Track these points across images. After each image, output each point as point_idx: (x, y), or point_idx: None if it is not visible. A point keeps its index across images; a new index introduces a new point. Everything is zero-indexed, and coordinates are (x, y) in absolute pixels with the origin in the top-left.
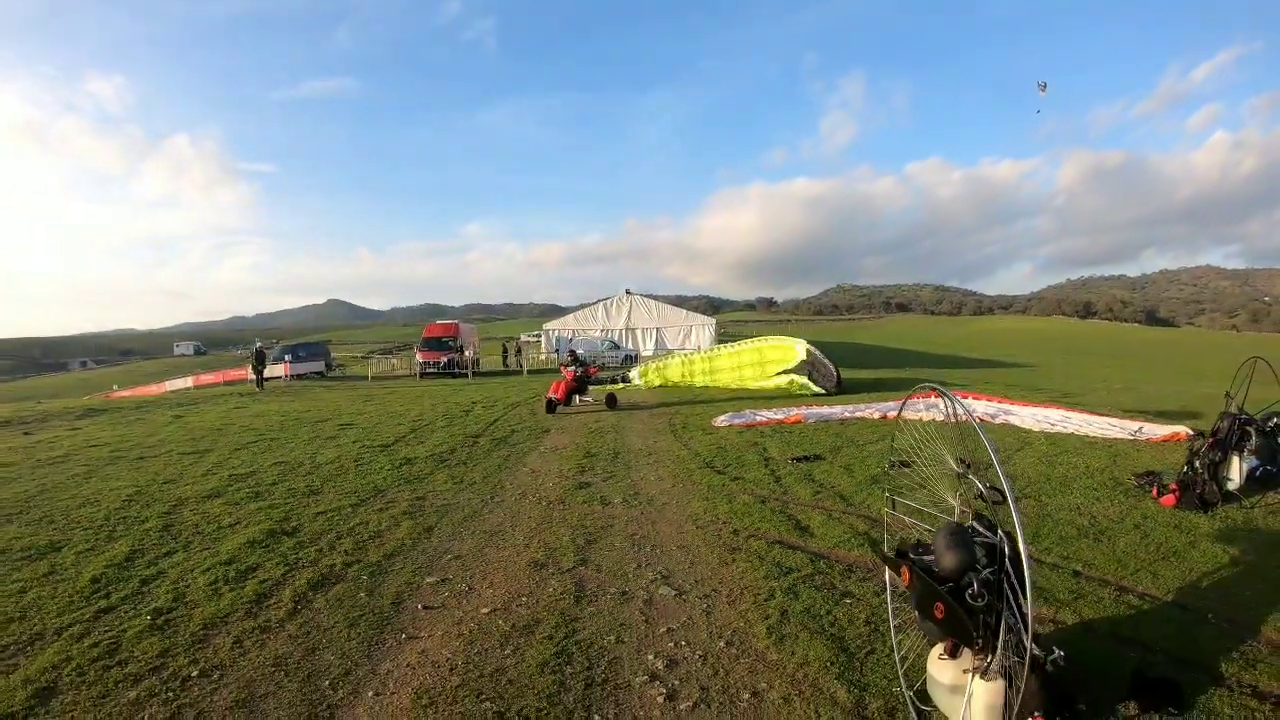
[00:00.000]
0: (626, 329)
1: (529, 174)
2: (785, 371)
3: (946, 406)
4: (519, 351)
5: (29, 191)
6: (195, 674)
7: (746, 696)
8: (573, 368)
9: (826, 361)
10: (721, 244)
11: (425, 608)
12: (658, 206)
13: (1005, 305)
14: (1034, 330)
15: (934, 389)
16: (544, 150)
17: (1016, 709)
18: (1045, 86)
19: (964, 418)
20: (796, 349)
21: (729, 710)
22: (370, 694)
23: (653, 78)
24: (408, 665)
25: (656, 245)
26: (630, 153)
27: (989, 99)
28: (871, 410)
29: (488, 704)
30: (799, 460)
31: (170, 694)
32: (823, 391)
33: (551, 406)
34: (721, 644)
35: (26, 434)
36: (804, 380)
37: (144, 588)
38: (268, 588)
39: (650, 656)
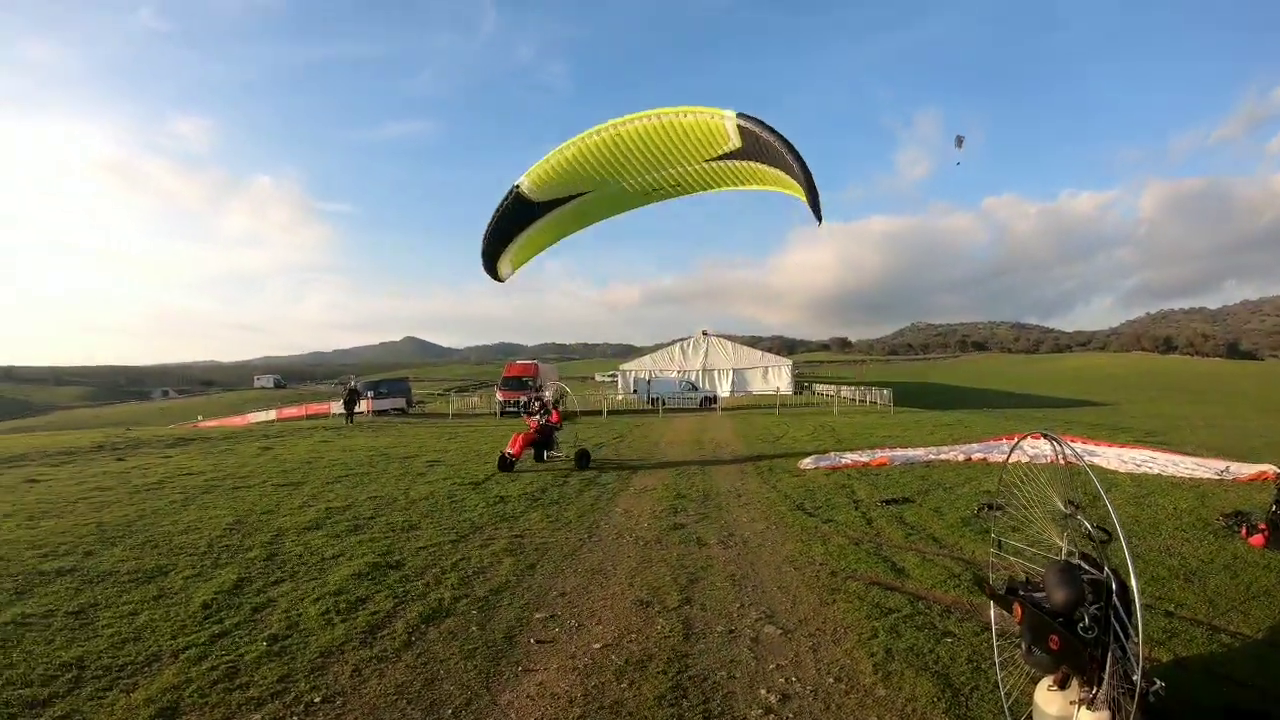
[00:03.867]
0: (703, 369)
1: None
2: None
3: (1054, 449)
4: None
5: (114, 227)
6: (318, 700)
7: None
8: (537, 416)
9: None
10: (796, 283)
11: (538, 642)
12: (732, 246)
13: (1084, 341)
14: (1114, 367)
15: (1044, 434)
16: None
17: None
18: (961, 141)
19: (1073, 459)
20: None
21: None
22: None
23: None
24: (527, 696)
25: (731, 285)
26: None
27: (1065, 130)
28: (956, 453)
29: None
30: (888, 503)
31: (295, 718)
32: None
33: (505, 464)
34: (830, 680)
35: (120, 460)
36: None
37: (256, 615)
38: (379, 619)
39: (763, 691)
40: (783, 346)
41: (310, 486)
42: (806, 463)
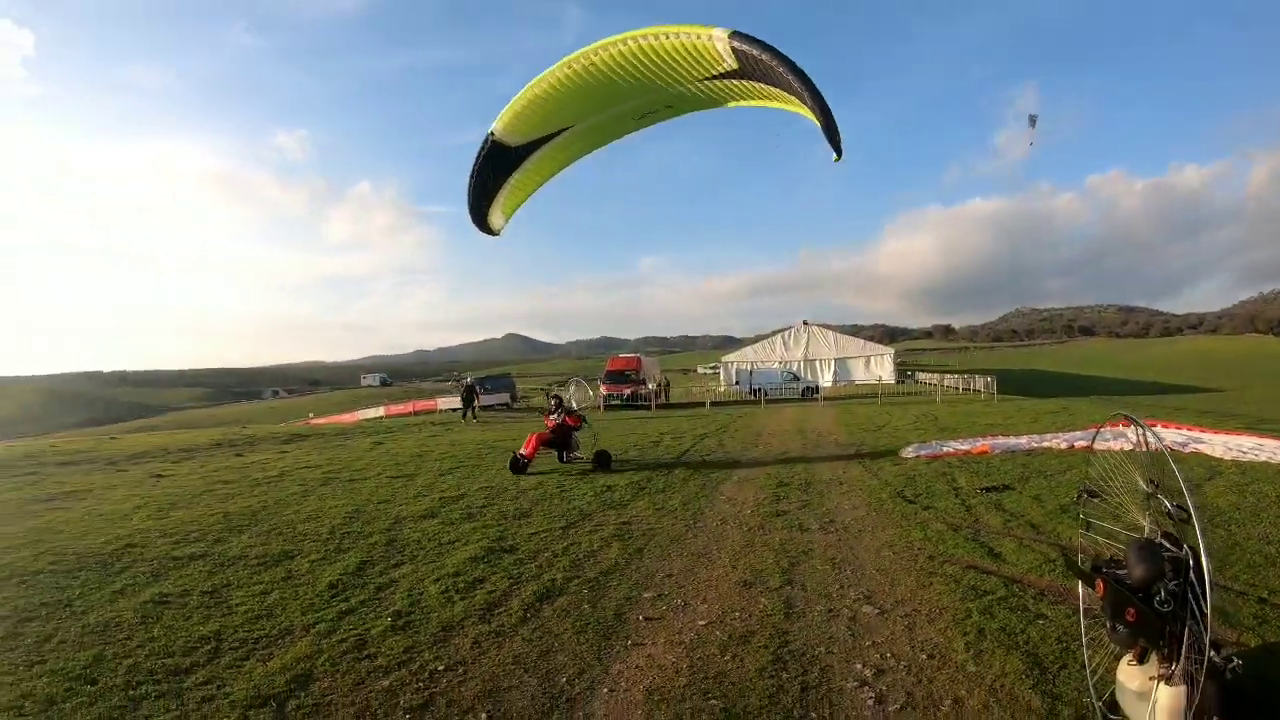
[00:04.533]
0: (805, 360)
1: (699, 205)
2: None
3: (1136, 433)
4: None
5: (221, 236)
6: (441, 668)
7: (948, 702)
8: (554, 415)
9: None
10: (896, 270)
11: (646, 619)
12: (830, 234)
13: (1195, 324)
14: (1225, 351)
15: (1125, 417)
16: (712, 182)
17: (1195, 710)
18: (1035, 121)
19: (1153, 444)
20: None
21: (933, 713)
22: (605, 690)
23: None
24: (636, 667)
25: (830, 273)
26: (799, 181)
27: (1168, 100)
28: (1058, 440)
29: (714, 702)
30: (988, 490)
31: (420, 684)
32: None
33: (517, 465)
34: (924, 657)
35: (238, 455)
36: None
37: (380, 594)
38: (496, 598)
39: (859, 665)
40: (884, 335)
41: (423, 478)
42: (908, 451)
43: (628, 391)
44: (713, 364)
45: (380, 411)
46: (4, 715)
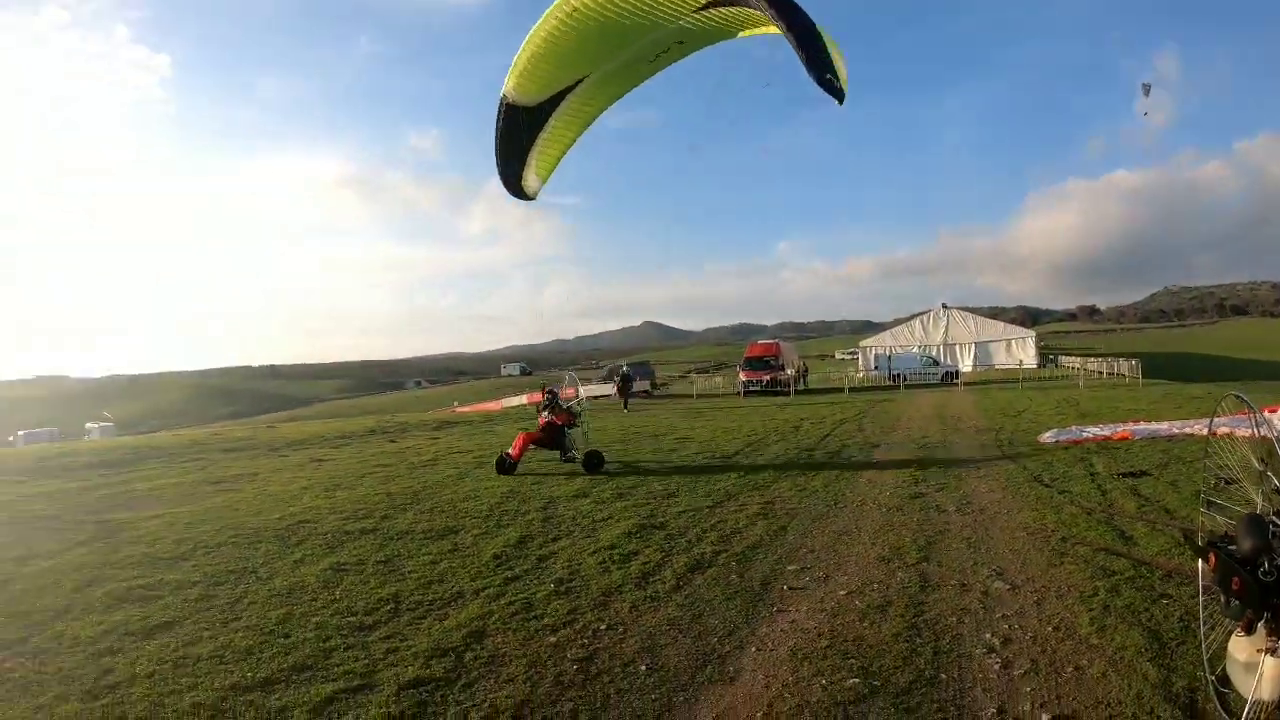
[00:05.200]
0: (944, 344)
1: (832, 188)
2: None
3: (1250, 417)
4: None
5: (361, 235)
6: (603, 628)
7: (1070, 670)
8: (544, 412)
9: None
10: (1037, 248)
11: (790, 589)
12: (967, 213)
13: None
14: None
15: (1237, 397)
16: (843, 163)
17: None
18: (1149, 89)
19: (1262, 429)
20: None
21: (1054, 679)
22: (753, 649)
23: (943, 76)
24: (781, 630)
25: (969, 253)
26: (932, 158)
27: None
28: (1201, 426)
29: (852, 661)
30: (1125, 475)
31: (585, 640)
32: None
33: (503, 466)
34: (1049, 629)
35: (392, 441)
36: None
37: (541, 564)
38: (650, 568)
39: (988, 635)
40: (1025, 317)
41: None
42: (1047, 436)
43: (767, 378)
44: (850, 349)
45: (523, 399)
46: (208, 663)
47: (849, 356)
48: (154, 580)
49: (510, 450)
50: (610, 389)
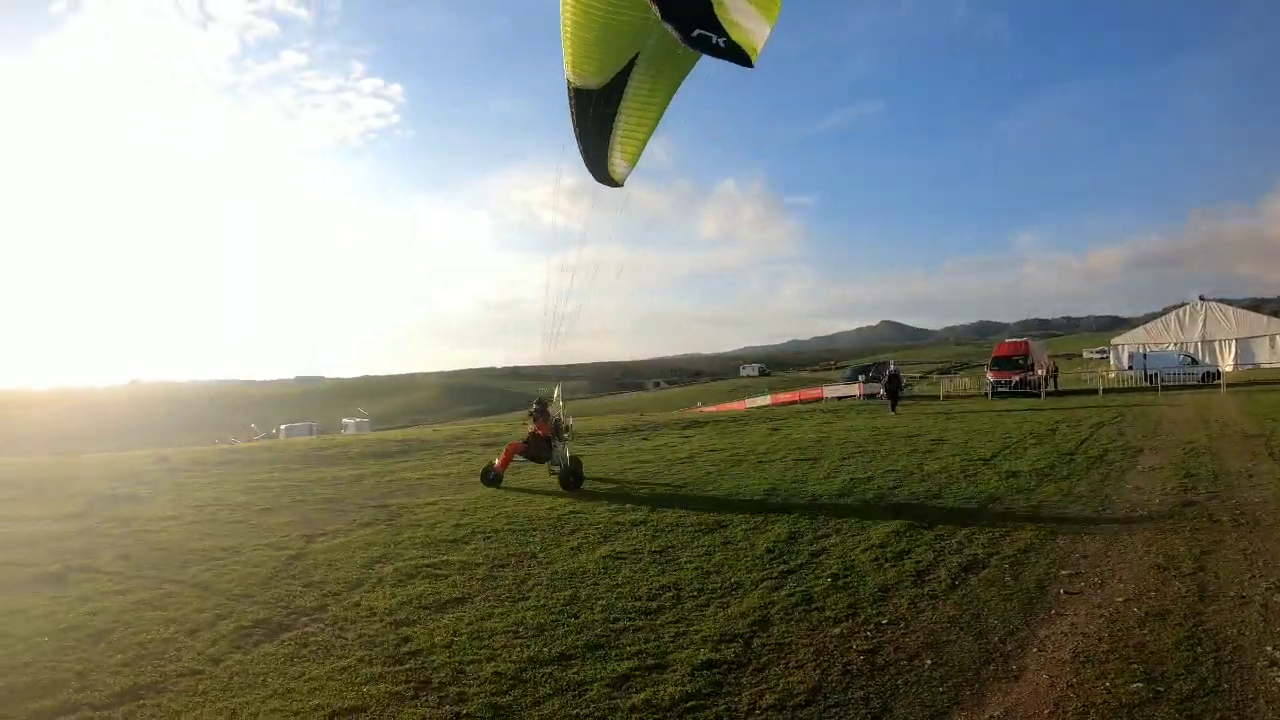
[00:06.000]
0: (1202, 341)
1: (1068, 173)
2: None
3: None
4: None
5: (591, 243)
6: (885, 622)
7: None
8: (532, 423)
9: None
10: None
11: (1066, 593)
12: (1220, 191)
13: None
14: None
15: None
16: (1079, 145)
17: None
18: None
19: None
20: None
21: None
22: (1034, 650)
23: (1180, 42)
24: (1061, 633)
25: (1223, 238)
26: (1175, 133)
27: None
28: None
29: (1135, 666)
30: None
31: (869, 634)
32: None
33: (487, 478)
34: None
35: (645, 439)
36: None
37: (814, 559)
38: (923, 567)
39: (1269, 648)
40: None
41: (828, 461)
42: None
43: (1016, 378)
44: (1099, 347)
45: (767, 399)
46: (503, 637)
47: (1098, 355)
48: (439, 560)
49: (497, 461)
50: (854, 389)
